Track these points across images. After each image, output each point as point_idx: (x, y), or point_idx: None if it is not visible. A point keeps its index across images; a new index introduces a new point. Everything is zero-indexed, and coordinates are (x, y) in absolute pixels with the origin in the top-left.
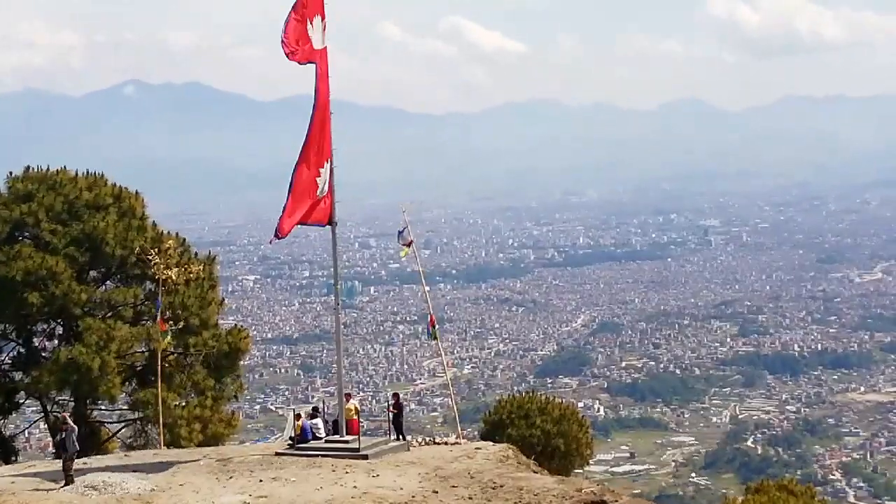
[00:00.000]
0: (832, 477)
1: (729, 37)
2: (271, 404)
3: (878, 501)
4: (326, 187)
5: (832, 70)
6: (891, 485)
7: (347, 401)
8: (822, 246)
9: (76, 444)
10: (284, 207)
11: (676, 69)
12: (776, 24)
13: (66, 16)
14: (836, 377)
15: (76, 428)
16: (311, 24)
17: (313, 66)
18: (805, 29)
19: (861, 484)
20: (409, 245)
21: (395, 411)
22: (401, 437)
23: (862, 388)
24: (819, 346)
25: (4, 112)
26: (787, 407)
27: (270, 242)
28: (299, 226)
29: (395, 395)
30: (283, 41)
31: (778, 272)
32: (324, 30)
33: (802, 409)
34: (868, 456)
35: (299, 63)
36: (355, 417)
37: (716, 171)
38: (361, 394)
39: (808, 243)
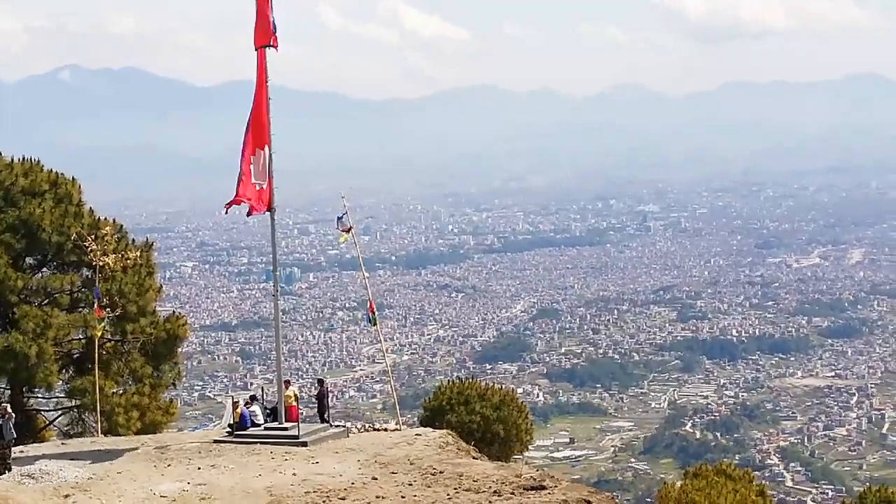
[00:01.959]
0: (770, 461)
1: (672, 23)
2: (210, 391)
3: (816, 485)
4: (266, 174)
5: (774, 56)
6: (828, 469)
7: (286, 388)
8: (760, 231)
9: (13, 431)
10: (240, 191)
11: (619, 55)
12: (721, 10)
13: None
14: (773, 362)
15: (13, 415)
16: (271, 12)
17: (256, 52)
18: (749, 15)
19: (799, 468)
20: (348, 231)
21: (317, 399)
22: (327, 423)
23: (799, 373)
24: (757, 331)
25: None
26: (726, 392)
27: (226, 210)
28: (240, 208)
29: (320, 382)
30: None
31: (716, 257)
32: (271, 16)
33: (740, 394)
34: (805, 440)
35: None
36: (294, 404)
37: (656, 157)
38: (300, 381)
39: (746, 229)
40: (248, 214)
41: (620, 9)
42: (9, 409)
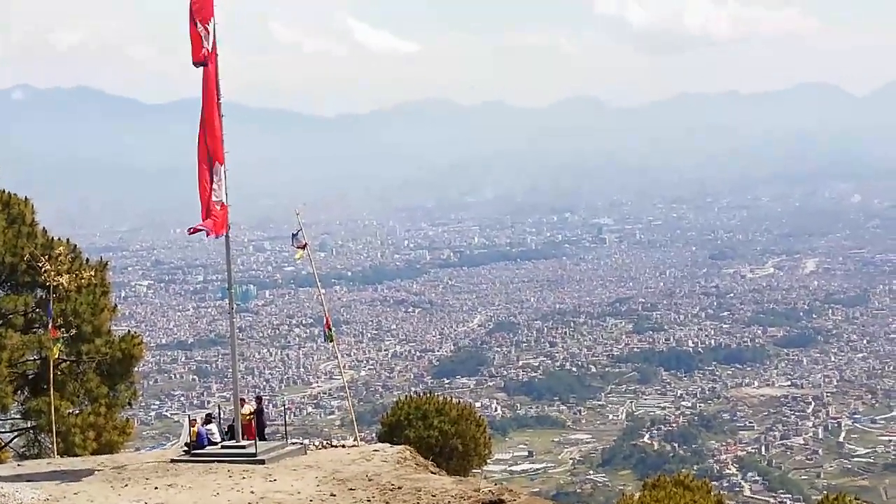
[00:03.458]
0: (728, 471)
1: (620, 34)
2: (166, 410)
3: (774, 495)
4: (223, 193)
5: (724, 66)
6: (786, 478)
7: (242, 406)
8: (714, 242)
9: None
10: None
11: (569, 67)
12: (665, 21)
13: None
14: (729, 372)
15: None
16: (206, 28)
17: (203, 68)
18: (694, 25)
19: (756, 477)
20: (303, 247)
21: (257, 415)
22: (256, 442)
23: (756, 383)
24: (713, 341)
25: None
26: (683, 403)
27: (192, 233)
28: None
29: (258, 399)
30: (192, 48)
31: (671, 269)
32: (213, 32)
33: (697, 405)
34: (763, 450)
35: (199, 64)
36: (251, 422)
37: (609, 169)
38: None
39: (700, 240)
40: (207, 236)
41: (566, 20)
42: None
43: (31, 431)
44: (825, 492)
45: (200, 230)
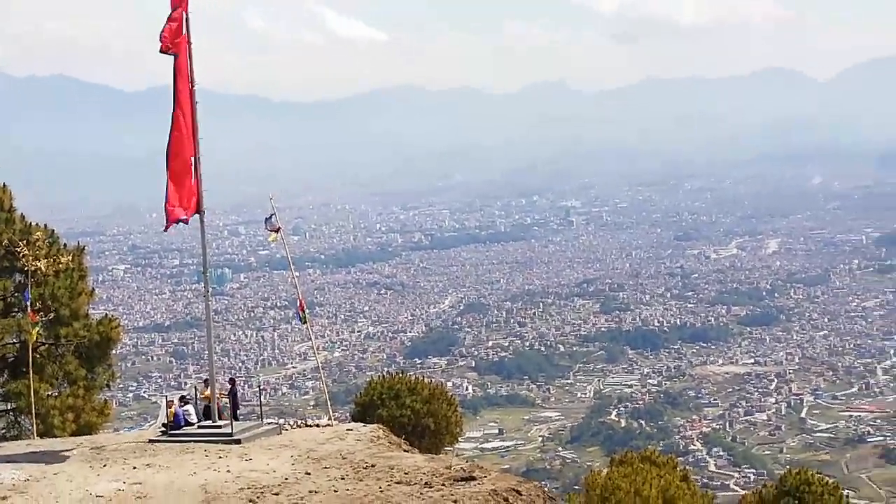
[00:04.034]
0: (693, 447)
1: (590, 22)
2: (144, 392)
3: (738, 469)
4: (193, 177)
5: (690, 52)
6: (749, 453)
7: (206, 387)
8: (679, 224)
9: None
10: (167, 197)
11: (540, 54)
12: (633, 9)
13: None
14: (694, 351)
15: None
16: (183, 17)
17: (176, 57)
18: (661, 13)
19: (721, 453)
20: (277, 231)
21: (230, 397)
22: (233, 421)
23: (720, 361)
24: (678, 320)
25: None
26: (649, 381)
27: (169, 223)
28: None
29: (231, 381)
30: (161, 37)
31: (637, 250)
32: (187, 21)
33: (663, 383)
34: (727, 426)
35: (170, 54)
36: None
37: (577, 152)
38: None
39: (666, 222)
40: (178, 223)
41: (538, 8)
42: None
43: (11, 413)
44: (788, 466)
45: (178, 220)
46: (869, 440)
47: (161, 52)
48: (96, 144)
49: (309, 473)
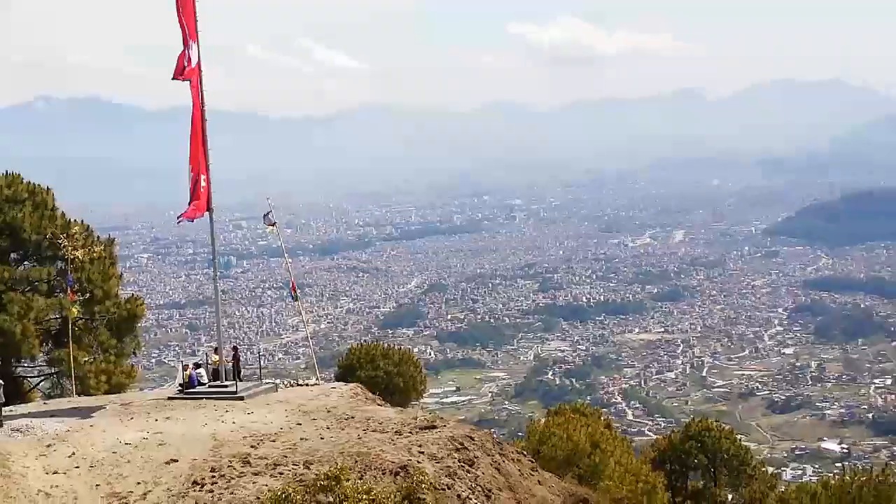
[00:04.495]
0: (615, 400)
1: (530, 51)
2: (164, 358)
3: (651, 419)
4: (204, 181)
5: (613, 76)
6: (660, 405)
7: (216, 354)
8: (602, 218)
9: (1, 395)
10: (191, 197)
11: (492, 78)
12: (562, 41)
13: None
14: (615, 322)
15: (2, 382)
16: (190, 48)
17: (189, 81)
18: (585, 44)
19: (637, 405)
20: (273, 225)
21: (236, 361)
22: (237, 382)
23: (636, 330)
24: (602, 297)
25: None
26: (579, 346)
27: (181, 219)
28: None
29: (234, 349)
30: (175, 67)
31: (568, 240)
32: (198, 52)
33: (590, 348)
34: (642, 383)
35: (181, 80)
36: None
37: (521, 160)
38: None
39: (591, 216)
40: (192, 219)
41: (489, 39)
42: None
43: (55, 376)
44: (692, 416)
45: (194, 216)
46: (757, 394)
47: (173, 79)
48: (124, 154)
49: (300, 424)
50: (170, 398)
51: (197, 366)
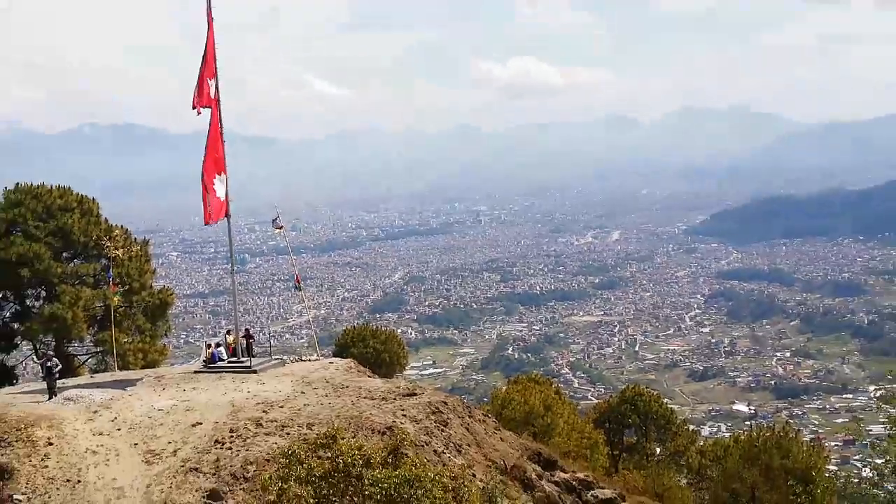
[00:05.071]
0: (563, 371)
1: (490, 85)
2: (191, 339)
3: (593, 386)
4: (224, 191)
5: (557, 105)
6: (601, 375)
7: (230, 336)
8: (552, 221)
9: (56, 371)
10: (209, 205)
11: (455, 107)
12: (517, 75)
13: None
14: (564, 306)
15: (57, 360)
16: (209, 82)
17: (209, 110)
18: (536, 78)
19: (582, 375)
20: (280, 228)
21: (249, 341)
22: (251, 358)
23: (580, 313)
24: (552, 286)
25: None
26: (534, 327)
27: (207, 223)
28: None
29: (247, 331)
30: (193, 99)
31: (524, 239)
32: (216, 85)
33: (543, 328)
34: (586, 357)
35: (201, 108)
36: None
37: (484, 174)
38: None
39: (543, 220)
40: (210, 223)
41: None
42: (53, 356)
43: (100, 354)
44: (626, 383)
45: (214, 220)
46: (680, 365)
47: (193, 107)
48: (155, 169)
49: (303, 392)
50: (195, 372)
51: (217, 345)
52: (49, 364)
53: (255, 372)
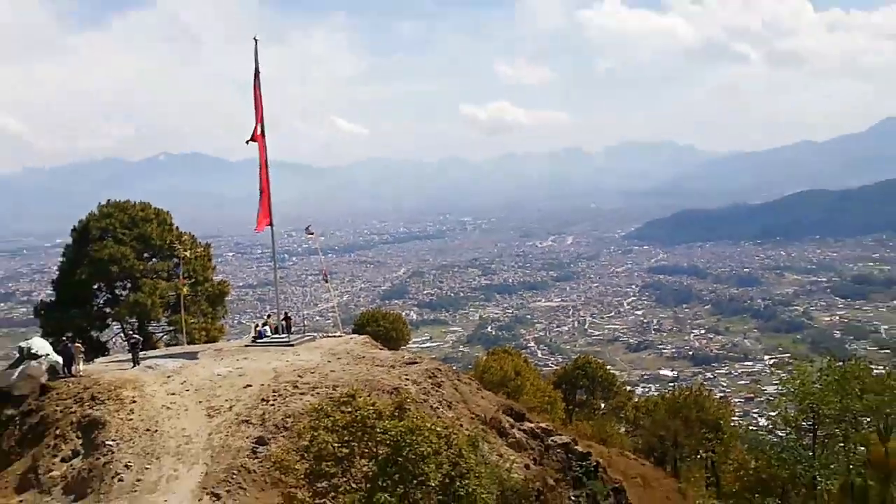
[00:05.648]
0: (531, 346)
1: (474, 124)
2: (243, 320)
3: (553, 357)
4: (268, 205)
5: (523, 139)
6: (560, 347)
7: (270, 318)
8: (521, 228)
9: (139, 345)
10: (258, 216)
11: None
12: (495, 116)
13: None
14: (530, 294)
15: (140, 337)
16: (258, 124)
17: (257, 143)
18: (509, 119)
19: (545, 348)
20: (311, 234)
21: (288, 322)
22: (289, 335)
23: (543, 300)
24: (522, 279)
25: (92, 173)
26: (507, 311)
27: (256, 231)
28: (266, 227)
29: (286, 314)
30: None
31: (501, 242)
32: (262, 126)
33: (514, 312)
34: (547, 333)
35: (252, 142)
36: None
37: (469, 194)
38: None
39: (516, 227)
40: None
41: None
42: (136, 336)
43: (172, 332)
44: (578, 354)
45: (259, 230)
46: (619, 340)
47: (247, 142)
48: (216, 188)
49: (330, 361)
50: (246, 346)
51: (264, 324)
52: (133, 340)
53: (292, 346)
